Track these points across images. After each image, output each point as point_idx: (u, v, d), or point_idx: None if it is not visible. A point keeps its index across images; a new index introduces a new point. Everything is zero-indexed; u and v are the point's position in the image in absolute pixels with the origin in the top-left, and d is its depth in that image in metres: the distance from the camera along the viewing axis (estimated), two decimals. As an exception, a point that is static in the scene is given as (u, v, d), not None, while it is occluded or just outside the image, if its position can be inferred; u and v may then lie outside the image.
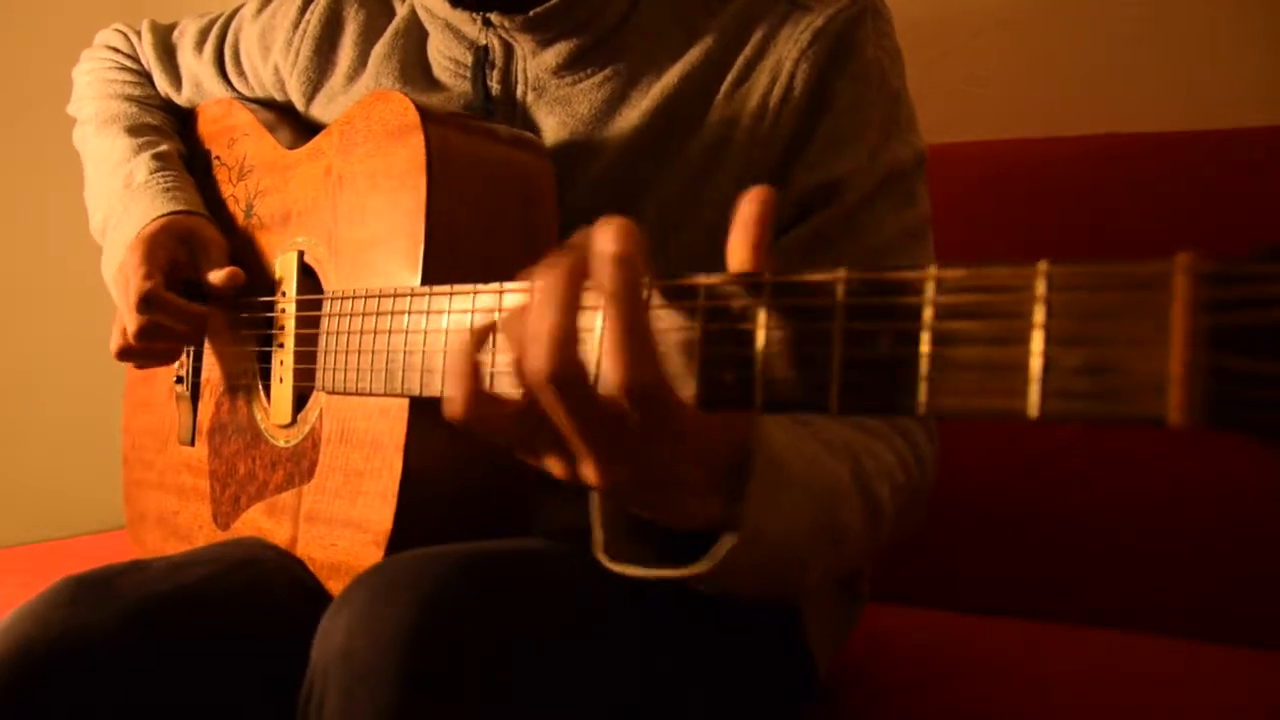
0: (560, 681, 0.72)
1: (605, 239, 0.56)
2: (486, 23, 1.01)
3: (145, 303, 1.05)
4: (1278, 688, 1.07)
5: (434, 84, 1.06)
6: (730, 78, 0.96)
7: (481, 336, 0.64)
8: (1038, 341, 0.42)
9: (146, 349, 1.11)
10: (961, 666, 1.11)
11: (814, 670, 0.98)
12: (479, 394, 0.62)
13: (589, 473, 0.61)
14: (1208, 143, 1.37)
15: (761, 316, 0.53)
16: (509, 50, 1.01)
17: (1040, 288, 0.42)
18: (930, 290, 0.45)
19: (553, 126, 0.99)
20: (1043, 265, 0.42)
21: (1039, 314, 0.42)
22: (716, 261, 0.58)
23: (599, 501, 0.68)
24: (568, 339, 0.57)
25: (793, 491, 0.67)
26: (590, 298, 0.59)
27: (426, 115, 0.91)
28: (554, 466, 0.63)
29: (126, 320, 1.09)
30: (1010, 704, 1.02)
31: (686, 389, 0.57)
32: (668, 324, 0.57)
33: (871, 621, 1.17)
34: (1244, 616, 1.22)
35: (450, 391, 0.62)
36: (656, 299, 0.58)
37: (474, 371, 0.62)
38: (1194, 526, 1.27)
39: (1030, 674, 1.10)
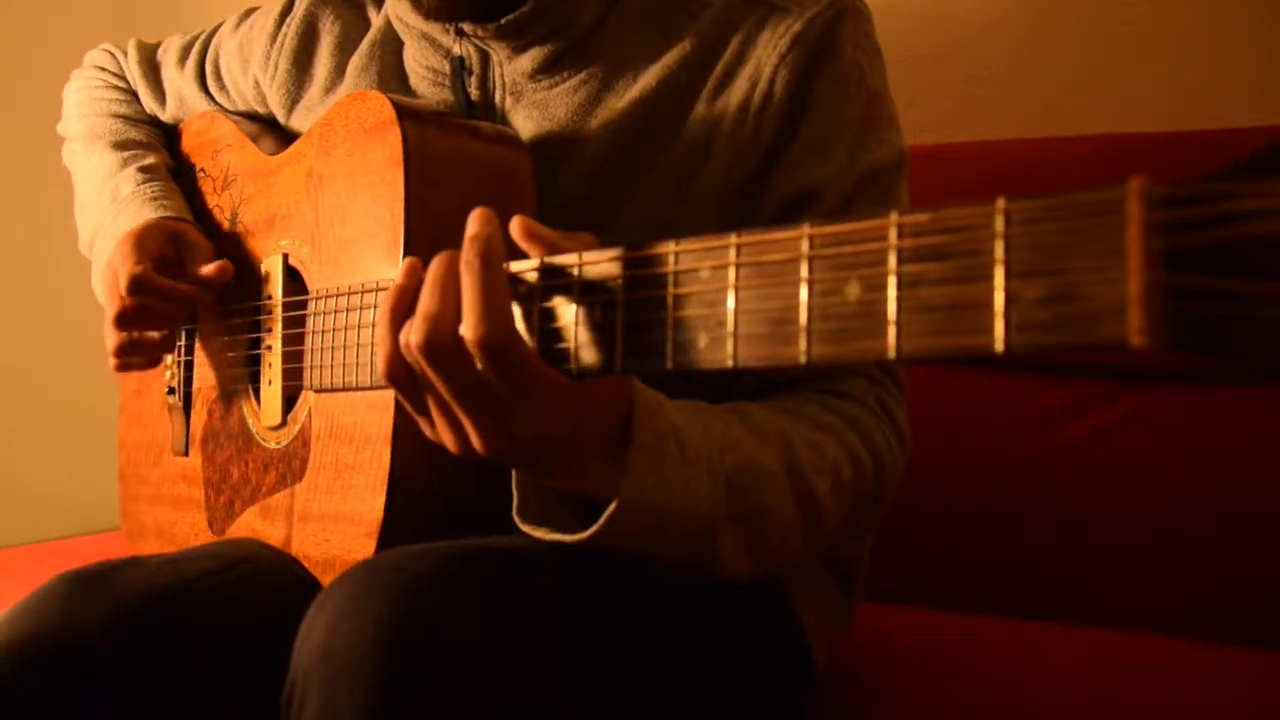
0: (542, 677, 0.72)
1: (468, 223, 0.66)
2: (460, 32, 1.01)
3: (135, 285, 1.06)
4: (1278, 688, 1.06)
5: (411, 93, 1.07)
6: (710, 82, 0.96)
7: (400, 309, 0.71)
8: (999, 277, 0.42)
9: (131, 343, 1.11)
10: (961, 666, 1.10)
11: (811, 662, 0.97)
12: (398, 354, 0.70)
13: (474, 440, 0.68)
14: (1208, 143, 1.36)
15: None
16: (485, 57, 1.01)
17: (999, 224, 0.42)
18: (893, 236, 0.45)
19: (531, 130, 0.99)
20: (1000, 201, 0.42)
21: (999, 250, 0.42)
22: None
23: (515, 470, 0.75)
24: (440, 315, 0.65)
25: (690, 465, 0.72)
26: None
27: (403, 111, 0.91)
28: (448, 439, 0.70)
29: (108, 309, 1.09)
30: (1009, 704, 1.01)
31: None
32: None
33: (871, 621, 1.16)
34: (1244, 616, 1.21)
35: (377, 353, 0.71)
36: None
37: (395, 336, 0.70)
38: (1194, 526, 1.26)
39: (1030, 674, 1.09)
